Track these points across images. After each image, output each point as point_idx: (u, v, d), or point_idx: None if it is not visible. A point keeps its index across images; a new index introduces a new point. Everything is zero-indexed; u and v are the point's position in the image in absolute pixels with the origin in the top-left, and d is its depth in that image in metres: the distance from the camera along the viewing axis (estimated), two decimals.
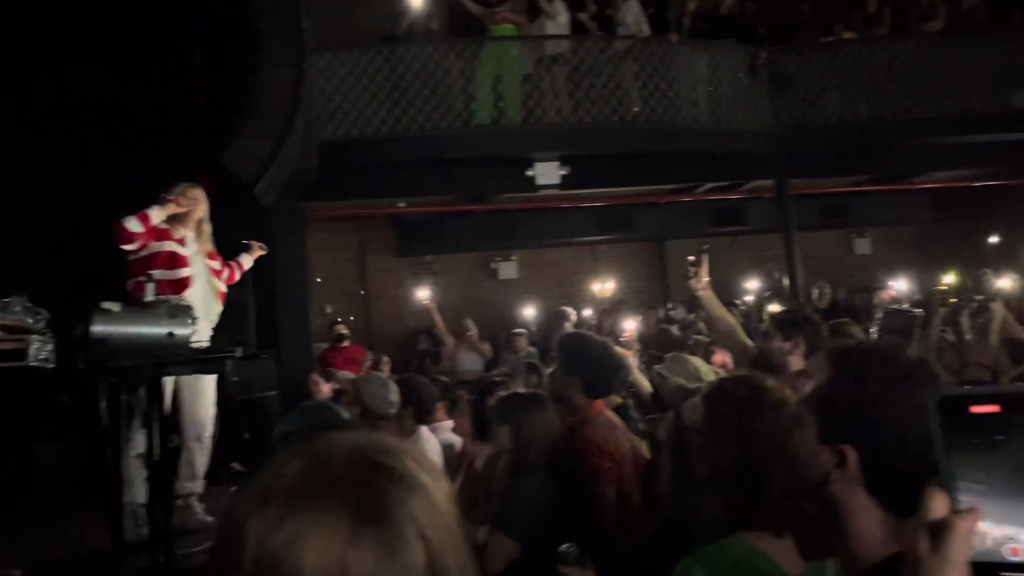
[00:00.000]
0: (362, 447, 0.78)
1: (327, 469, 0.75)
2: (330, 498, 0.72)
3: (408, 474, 0.76)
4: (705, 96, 9.07)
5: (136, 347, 3.32)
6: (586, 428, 3.05)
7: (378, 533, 0.72)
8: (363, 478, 0.75)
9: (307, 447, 0.79)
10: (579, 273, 10.81)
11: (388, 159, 8.37)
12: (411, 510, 0.74)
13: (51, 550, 4.42)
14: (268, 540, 0.71)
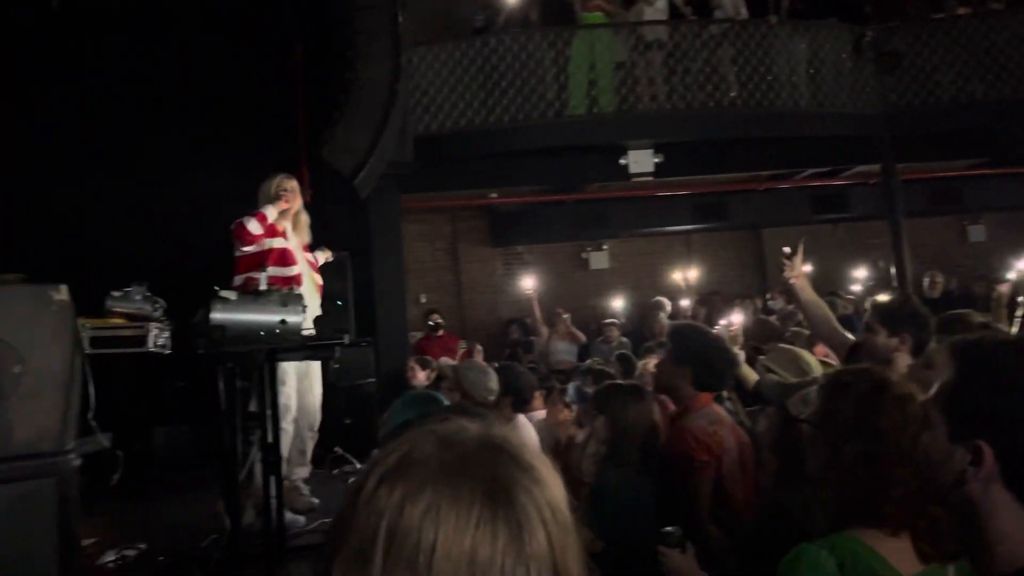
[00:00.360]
0: (491, 435, 0.81)
1: (461, 450, 0.78)
2: (464, 477, 0.75)
3: (533, 466, 0.79)
4: (806, 78, 8.74)
5: (251, 334, 3.47)
6: (687, 420, 2.99)
7: (508, 516, 0.73)
8: (494, 463, 0.77)
9: (437, 429, 0.81)
10: (672, 263, 10.61)
11: (481, 151, 8.44)
12: (536, 500, 0.76)
13: (170, 527, 4.65)
14: (404, 511, 0.73)
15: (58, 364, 1.90)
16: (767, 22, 8.66)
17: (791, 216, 10.19)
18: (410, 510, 0.73)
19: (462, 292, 10.75)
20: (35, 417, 1.86)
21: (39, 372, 1.87)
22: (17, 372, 1.84)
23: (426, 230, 10.69)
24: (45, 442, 1.86)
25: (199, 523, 4.56)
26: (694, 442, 2.86)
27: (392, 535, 0.73)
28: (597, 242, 10.80)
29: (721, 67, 8.53)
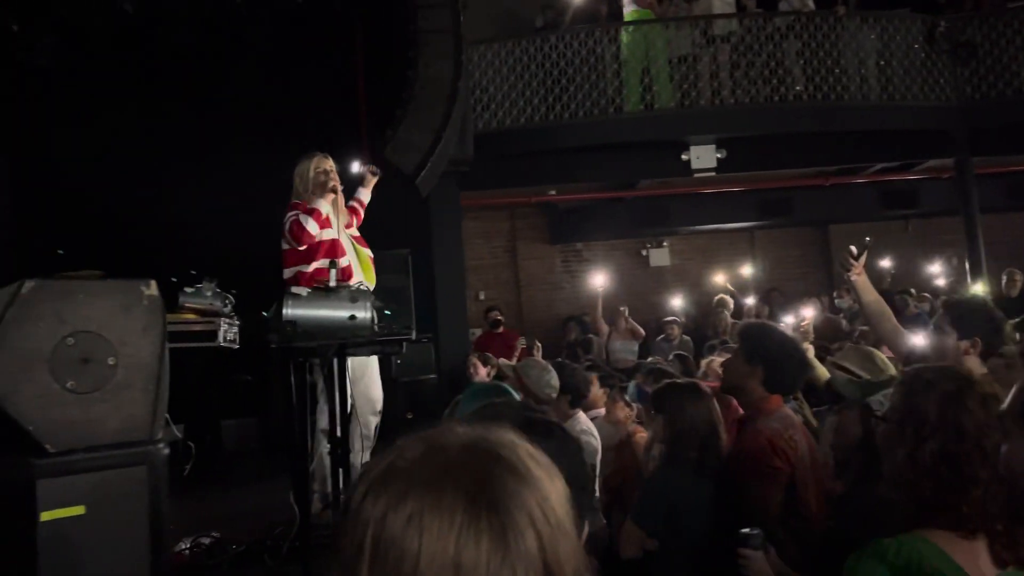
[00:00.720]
0: (480, 438, 0.80)
1: (445, 456, 0.77)
2: (447, 483, 0.74)
3: (523, 467, 0.78)
4: (875, 71, 8.50)
5: (321, 329, 3.53)
6: (759, 422, 2.86)
7: (492, 520, 0.73)
8: (479, 467, 0.76)
9: (426, 434, 0.81)
10: (735, 260, 10.44)
11: (541, 147, 8.43)
12: (524, 501, 0.75)
13: (240, 516, 4.77)
14: (387, 520, 0.73)
15: (148, 356, 1.97)
16: (835, 13, 8.45)
17: (859, 212, 9.92)
18: (393, 519, 0.73)
19: (520, 289, 10.77)
20: (127, 407, 1.93)
21: (130, 364, 1.94)
22: (111, 364, 1.91)
23: (485, 227, 10.74)
24: (136, 431, 1.93)
25: (267, 513, 4.68)
26: (769, 447, 2.75)
27: (376, 545, 0.73)
28: (657, 239, 10.68)
29: (787, 61, 8.35)
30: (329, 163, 4.42)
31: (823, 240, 10.93)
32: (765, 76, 8.28)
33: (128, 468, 1.89)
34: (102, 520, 1.84)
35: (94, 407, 1.87)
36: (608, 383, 4.97)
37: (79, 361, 1.87)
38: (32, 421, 1.79)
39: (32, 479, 1.76)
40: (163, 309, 2.03)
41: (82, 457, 1.84)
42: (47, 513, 1.74)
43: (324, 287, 3.69)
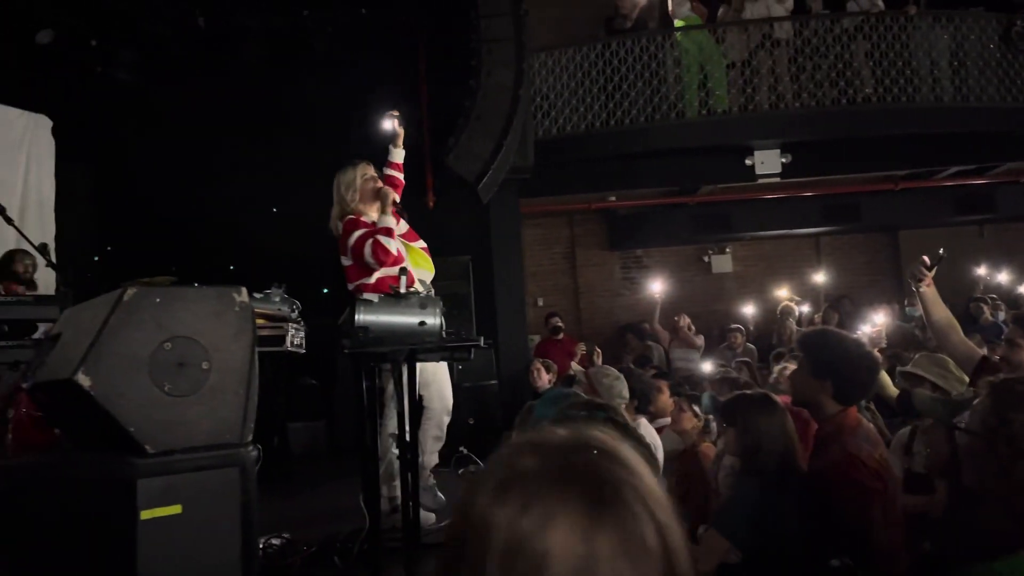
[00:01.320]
0: (585, 436, 0.83)
1: (560, 456, 0.80)
2: (568, 482, 0.76)
3: (628, 459, 0.81)
4: (949, 72, 8.25)
5: (392, 334, 3.59)
6: (847, 441, 2.71)
7: (617, 514, 0.75)
8: (593, 464, 0.79)
9: (531, 439, 0.84)
10: (800, 266, 10.24)
11: (601, 153, 8.42)
12: (640, 492, 0.77)
13: (309, 518, 4.86)
14: (516, 525, 0.75)
15: (239, 361, 2.03)
16: (905, 13, 8.23)
17: (931, 217, 9.61)
18: (523, 523, 0.75)
19: (579, 296, 10.74)
20: (220, 410, 2.00)
21: (223, 368, 2.01)
22: (205, 368, 1.98)
23: (544, 234, 10.75)
24: (228, 434, 1.99)
25: (335, 515, 4.76)
26: (864, 469, 2.61)
27: (508, 550, 0.75)
28: (719, 245, 10.53)
29: (855, 63, 8.17)
30: (371, 169, 4.40)
31: (892, 246, 10.62)
32: (832, 79, 8.11)
33: (222, 469, 1.96)
34: (197, 519, 1.90)
35: (189, 409, 1.95)
36: (677, 391, 4.94)
37: (175, 365, 1.94)
38: (133, 422, 1.86)
39: (133, 478, 1.84)
40: (253, 315, 2.09)
41: (179, 458, 1.91)
42: (147, 512, 1.82)
43: (395, 293, 3.75)
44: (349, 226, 4.23)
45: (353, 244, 4.19)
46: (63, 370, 1.87)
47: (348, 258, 4.29)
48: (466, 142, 7.51)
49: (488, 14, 7.79)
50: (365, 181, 4.31)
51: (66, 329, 2.12)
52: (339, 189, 4.34)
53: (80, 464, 2.02)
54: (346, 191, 4.29)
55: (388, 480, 4.34)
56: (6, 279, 5.79)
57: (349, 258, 4.28)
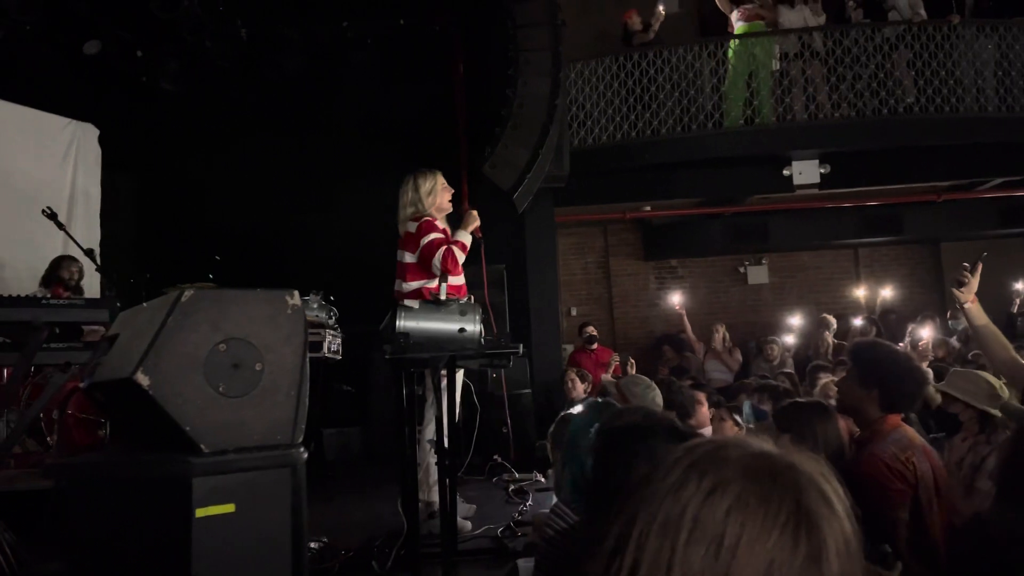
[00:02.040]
0: (796, 460, 0.82)
1: (771, 462, 0.79)
2: (774, 486, 0.76)
3: (834, 502, 0.79)
4: (993, 81, 8.10)
5: (432, 341, 3.61)
6: (875, 444, 2.79)
7: (811, 534, 0.75)
8: (800, 486, 0.78)
9: (743, 441, 0.83)
10: (838, 278, 10.10)
11: (636, 163, 8.40)
12: (836, 533, 0.77)
13: (345, 524, 4.88)
14: (711, 500, 0.75)
15: (291, 363, 2.06)
16: (949, 22, 8.10)
17: (974, 229, 9.42)
18: (718, 501, 0.75)
19: (613, 305, 10.70)
20: (272, 411, 2.03)
21: (275, 370, 2.04)
22: (258, 369, 2.01)
23: (578, 243, 10.74)
24: (280, 435, 2.02)
25: (371, 521, 4.79)
26: (887, 470, 2.68)
27: (697, 521, 0.75)
28: (756, 255, 10.43)
29: (896, 72, 8.06)
30: (438, 178, 4.65)
31: (934, 258, 10.43)
32: (873, 88, 8.01)
33: (274, 470, 1.99)
34: (249, 519, 1.93)
35: (243, 410, 1.98)
36: (712, 400, 4.90)
37: (230, 366, 1.98)
38: (189, 422, 1.90)
39: (189, 477, 1.87)
40: (304, 318, 2.12)
41: (233, 457, 1.94)
42: (201, 510, 1.85)
43: (435, 300, 3.78)
44: (426, 227, 4.41)
45: (426, 245, 4.36)
46: (122, 370, 1.92)
47: (414, 256, 4.44)
48: (502, 151, 7.54)
49: (525, 24, 7.83)
50: (444, 190, 4.61)
51: (123, 330, 2.16)
52: (416, 190, 4.55)
53: (137, 462, 2.06)
54: (426, 195, 4.53)
55: (425, 486, 4.36)
56: (54, 284, 5.94)
57: (415, 256, 4.44)
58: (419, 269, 4.46)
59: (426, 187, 4.54)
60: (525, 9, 7.89)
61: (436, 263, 4.29)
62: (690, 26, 10.15)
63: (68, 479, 2.05)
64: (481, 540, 4.38)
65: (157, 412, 1.87)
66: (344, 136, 8.73)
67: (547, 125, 7.56)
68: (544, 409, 7.45)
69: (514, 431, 7.19)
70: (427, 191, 4.54)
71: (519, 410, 7.49)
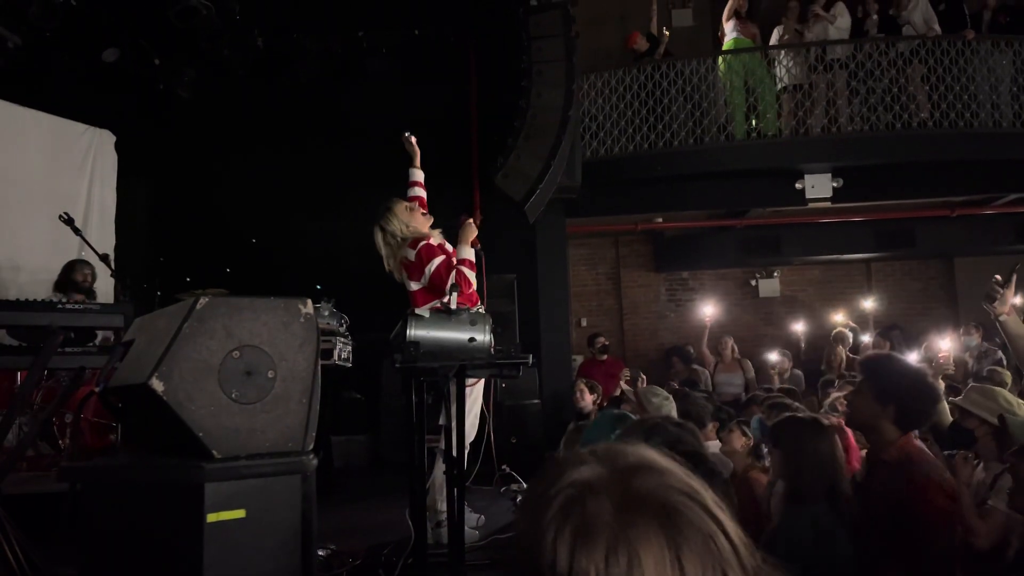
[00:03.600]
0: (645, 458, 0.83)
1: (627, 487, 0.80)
2: (643, 518, 0.77)
3: (673, 471, 0.82)
4: (1008, 97, 8.08)
5: (442, 350, 3.62)
6: (918, 465, 2.68)
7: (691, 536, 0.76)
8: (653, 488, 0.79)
9: (582, 473, 0.83)
10: (850, 292, 10.06)
11: (648, 175, 8.41)
12: (697, 504, 0.79)
13: (352, 531, 4.89)
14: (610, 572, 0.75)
15: (303, 370, 2.08)
16: (964, 37, 8.09)
17: (989, 245, 9.37)
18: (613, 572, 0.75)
19: (623, 317, 10.69)
20: (284, 418, 2.04)
21: (288, 377, 2.06)
22: (270, 376, 2.03)
23: (589, 254, 10.75)
24: (292, 442, 2.04)
25: (378, 529, 4.79)
26: (940, 491, 2.59)
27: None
28: (767, 268, 10.40)
29: (910, 87, 8.05)
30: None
31: (947, 274, 10.37)
32: (887, 103, 8.00)
33: (285, 476, 2.00)
34: (260, 524, 1.94)
35: (255, 417, 2.00)
36: (719, 416, 4.88)
37: (243, 373, 2.00)
38: (203, 428, 1.92)
39: (201, 482, 1.89)
40: (317, 327, 2.14)
41: (245, 464, 1.96)
42: (213, 515, 1.86)
43: (445, 309, 3.79)
44: (426, 253, 4.37)
45: (433, 273, 4.32)
46: (137, 375, 1.94)
47: (419, 283, 4.41)
48: (515, 161, 7.56)
49: (539, 36, 7.86)
50: (409, 211, 4.59)
51: (139, 336, 2.19)
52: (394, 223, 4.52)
53: (150, 467, 2.08)
54: (400, 230, 4.49)
55: (433, 495, 4.37)
56: (67, 288, 6.00)
57: (421, 283, 4.40)
58: (428, 293, 4.43)
59: (392, 225, 4.51)
60: (540, 21, 7.93)
61: (454, 286, 4.25)
62: (704, 39, 10.16)
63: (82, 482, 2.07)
64: (488, 550, 4.37)
65: (171, 418, 1.89)
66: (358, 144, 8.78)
67: (560, 136, 7.58)
68: (553, 419, 7.44)
69: (523, 441, 7.19)
70: (397, 227, 4.51)
71: (528, 420, 7.49)
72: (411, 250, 4.42)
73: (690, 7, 10.39)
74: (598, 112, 8.54)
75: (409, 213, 4.57)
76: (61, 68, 7.83)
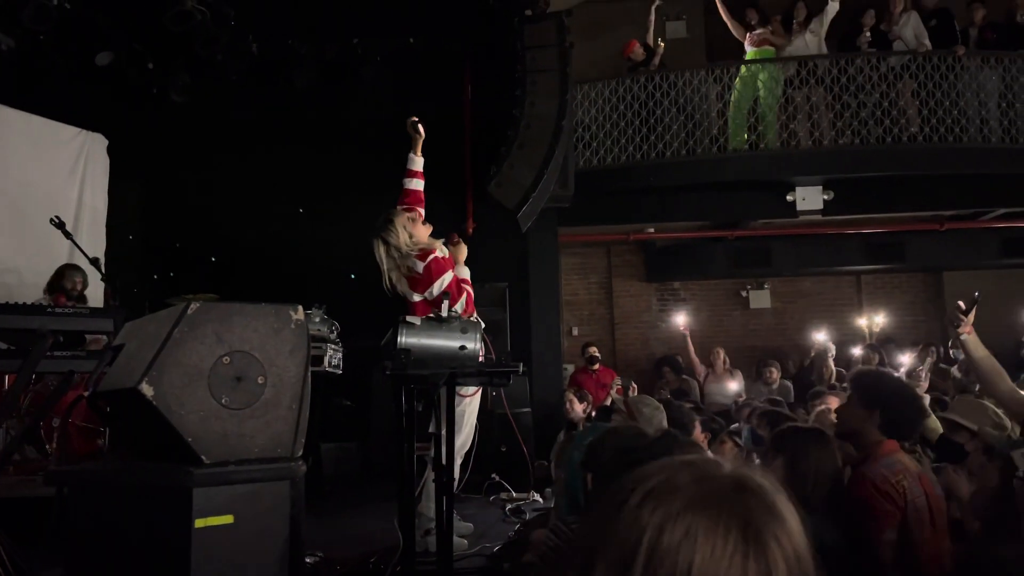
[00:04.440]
0: (745, 477, 0.86)
1: (717, 485, 0.83)
2: (721, 510, 0.80)
3: (783, 515, 0.84)
4: (997, 113, 8.16)
5: (433, 357, 3.62)
6: (867, 466, 2.84)
7: (758, 556, 0.78)
8: (748, 505, 0.82)
9: (694, 461, 0.87)
10: (840, 305, 10.12)
11: (640, 185, 8.44)
12: (785, 547, 0.80)
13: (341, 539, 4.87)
14: (664, 531, 0.79)
15: (293, 377, 2.08)
16: (954, 53, 8.17)
17: (977, 259, 9.45)
18: (671, 532, 0.79)
19: (615, 326, 10.71)
20: (273, 424, 2.04)
21: (278, 383, 2.06)
22: (260, 382, 2.03)
23: (581, 263, 10.77)
24: (281, 448, 2.03)
25: (367, 536, 4.77)
26: (874, 490, 2.72)
27: (652, 552, 0.79)
28: (758, 280, 10.45)
29: (900, 101, 8.13)
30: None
31: (936, 287, 10.44)
32: (878, 117, 8.06)
33: (273, 482, 2.00)
34: (247, 530, 1.94)
35: (245, 423, 1.99)
36: (710, 427, 4.90)
37: (233, 379, 2.00)
38: (192, 433, 1.92)
39: (189, 487, 1.89)
40: (308, 333, 2.14)
41: (233, 469, 1.95)
42: (201, 520, 1.86)
43: (437, 317, 3.79)
44: (436, 266, 4.27)
45: (445, 288, 4.22)
46: (127, 379, 1.94)
47: (423, 295, 4.30)
48: (508, 170, 7.59)
49: (534, 45, 7.91)
50: (411, 219, 4.45)
51: (129, 341, 2.19)
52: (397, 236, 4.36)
53: (139, 471, 2.08)
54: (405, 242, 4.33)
55: (423, 503, 4.36)
56: (57, 292, 5.97)
57: (426, 296, 4.29)
58: (427, 305, 4.32)
59: (394, 238, 4.35)
60: (534, 31, 7.98)
61: (457, 308, 4.16)
62: (697, 51, 10.23)
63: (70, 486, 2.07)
64: (477, 559, 4.37)
65: (160, 422, 1.88)
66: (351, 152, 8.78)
67: (553, 146, 7.62)
68: (544, 428, 7.44)
69: (512, 450, 7.17)
70: (401, 239, 4.36)
71: (519, 429, 7.48)
72: (419, 262, 4.27)
73: (684, 19, 10.45)
74: (591, 122, 8.58)
75: (412, 224, 4.44)
76: (54, 71, 7.81)
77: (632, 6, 9.94)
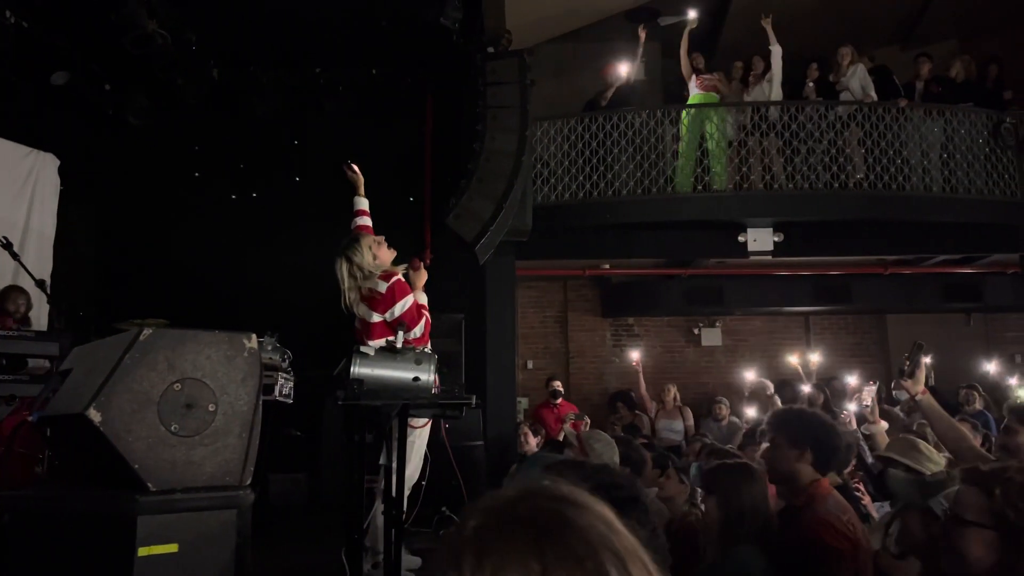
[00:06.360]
0: (532, 487, 0.84)
1: (502, 506, 0.80)
2: (511, 528, 0.77)
3: (570, 494, 0.81)
4: (939, 163, 8.51)
5: (386, 388, 3.62)
6: (817, 506, 2.82)
7: (562, 550, 0.74)
8: (531, 507, 0.79)
9: (476, 503, 0.84)
10: (788, 344, 10.33)
11: (597, 222, 8.57)
12: (587, 525, 0.77)
13: (286, 570, 4.78)
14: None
15: (244, 405, 2.07)
16: (896, 104, 8.53)
17: (919, 303, 9.77)
18: None
19: (569, 360, 10.78)
20: (223, 452, 2.03)
21: (228, 411, 2.04)
22: (211, 410, 2.02)
23: (537, 296, 10.84)
24: (229, 476, 2.02)
25: (313, 569, 4.70)
26: (831, 530, 2.69)
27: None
28: (710, 318, 10.64)
29: (847, 149, 8.43)
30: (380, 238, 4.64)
31: (881, 329, 10.75)
32: (825, 163, 8.35)
33: (220, 511, 1.98)
34: (192, 559, 1.91)
35: (194, 450, 1.97)
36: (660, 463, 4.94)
37: (184, 406, 1.98)
38: (139, 460, 1.89)
39: (134, 515, 1.85)
40: (260, 362, 2.14)
41: (180, 497, 1.93)
42: (144, 548, 1.83)
43: (391, 348, 3.79)
44: (400, 288, 4.28)
45: (405, 313, 4.21)
46: (74, 405, 1.91)
47: (383, 316, 4.27)
48: (467, 203, 7.65)
49: (495, 82, 8.04)
50: (376, 242, 4.49)
51: (77, 365, 2.15)
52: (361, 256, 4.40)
53: (81, 498, 2.04)
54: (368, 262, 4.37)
55: (371, 535, 4.31)
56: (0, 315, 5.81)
57: (385, 317, 4.26)
58: (386, 328, 4.29)
59: (359, 257, 4.39)
60: (496, 67, 8.11)
61: (417, 330, 4.19)
62: (654, 93, 10.49)
63: (10, 512, 2.01)
64: None
65: (107, 449, 1.86)
66: (308, 180, 8.77)
67: (512, 181, 7.71)
68: (497, 461, 7.42)
69: (465, 483, 7.13)
70: (366, 259, 4.40)
71: (471, 462, 7.44)
72: (382, 282, 4.29)
73: (644, 62, 10.74)
74: (550, 158, 8.71)
75: (377, 246, 4.50)
76: (7, 89, 7.68)
77: (593, 48, 10.19)
